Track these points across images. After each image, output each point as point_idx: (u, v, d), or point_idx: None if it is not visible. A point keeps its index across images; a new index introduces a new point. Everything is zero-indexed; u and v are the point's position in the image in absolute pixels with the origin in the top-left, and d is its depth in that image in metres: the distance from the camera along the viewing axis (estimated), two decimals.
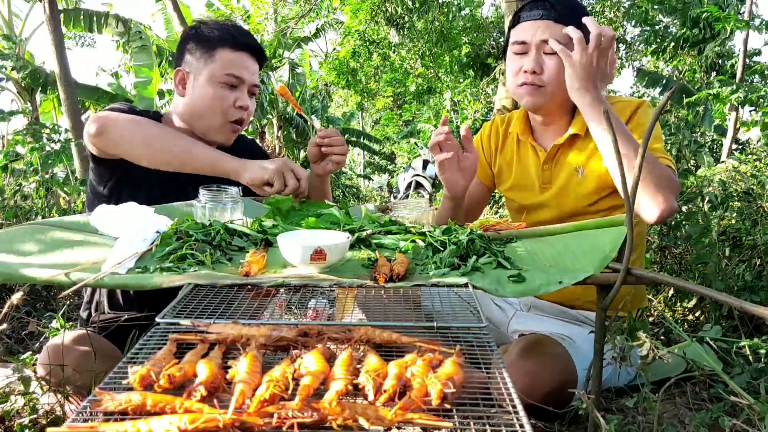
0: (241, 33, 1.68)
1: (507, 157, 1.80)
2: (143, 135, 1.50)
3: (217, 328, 0.86)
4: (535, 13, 1.56)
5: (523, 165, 1.75)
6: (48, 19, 4.66)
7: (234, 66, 1.63)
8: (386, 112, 17.19)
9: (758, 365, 1.45)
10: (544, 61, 1.55)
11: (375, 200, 12.52)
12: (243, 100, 1.64)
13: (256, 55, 1.69)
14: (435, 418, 0.63)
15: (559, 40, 1.50)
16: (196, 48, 1.64)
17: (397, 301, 1.00)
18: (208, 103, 1.62)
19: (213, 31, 1.64)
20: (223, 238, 1.22)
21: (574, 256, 1.16)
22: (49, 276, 1.01)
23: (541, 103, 1.60)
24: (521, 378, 1.33)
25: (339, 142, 1.65)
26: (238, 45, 1.64)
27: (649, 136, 0.94)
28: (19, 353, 1.85)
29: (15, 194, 3.23)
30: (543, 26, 1.54)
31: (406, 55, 12.03)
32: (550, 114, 1.65)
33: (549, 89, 1.56)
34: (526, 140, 1.72)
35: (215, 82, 1.61)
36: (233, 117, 1.65)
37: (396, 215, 1.48)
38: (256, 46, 1.69)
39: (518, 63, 1.58)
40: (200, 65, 1.63)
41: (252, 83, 1.68)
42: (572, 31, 1.42)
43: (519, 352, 1.42)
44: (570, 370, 1.42)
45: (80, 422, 0.63)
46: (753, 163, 3.69)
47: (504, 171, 1.82)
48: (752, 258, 2.08)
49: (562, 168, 1.66)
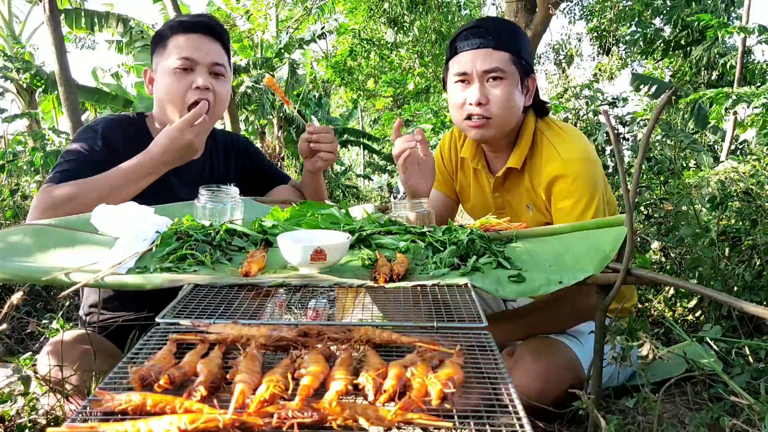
0: (195, 16, 1.63)
1: (467, 177, 1.79)
2: (80, 200, 1.42)
3: (217, 328, 0.86)
4: (473, 42, 1.52)
5: (480, 187, 1.74)
6: (48, 19, 4.65)
7: (185, 49, 1.57)
8: (386, 112, 17.19)
9: (758, 365, 1.45)
10: (489, 91, 1.52)
11: (375, 200, 12.51)
12: (199, 81, 1.57)
13: (213, 34, 1.62)
14: (435, 418, 0.63)
15: (498, 66, 1.49)
16: (156, 47, 1.64)
17: (397, 301, 1.00)
18: (166, 92, 1.59)
19: (167, 24, 1.62)
20: (223, 238, 1.21)
21: (574, 256, 1.16)
22: (49, 276, 1.01)
23: (489, 136, 1.57)
24: (535, 383, 1.32)
25: (328, 139, 1.63)
26: (187, 27, 1.59)
27: (648, 135, 0.95)
28: (19, 353, 1.84)
29: (13, 194, 3.22)
30: (482, 55, 1.51)
31: (404, 55, 12.03)
32: (496, 143, 1.63)
33: (496, 120, 1.53)
34: (477, 167, 1.70)
35: (170, 70, 1.58)
36: (191, 99, 1.58)
37: (396, 215, 1.48)
38: (210, 24, 1.62)
39: (461, 95, 1.55)
40: (159, 60, 1.62)
41: (211, 62, 1.60)
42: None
43: (531, 355, 1.40)
44: (580, 374, 1.40)
45: (80, 422, 0.63)
46: (752, 163, 3.69)
47: (464, 190, 1.81)
48: (752, 258, 2.08)
49: (513, 197, 1.65)
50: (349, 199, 10.39)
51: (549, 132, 1.59)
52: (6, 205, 3.21)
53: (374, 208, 1.65)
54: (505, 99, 1.51)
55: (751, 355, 1.53)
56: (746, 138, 6.41)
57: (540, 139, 1.59)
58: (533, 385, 1.31)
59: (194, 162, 1.71)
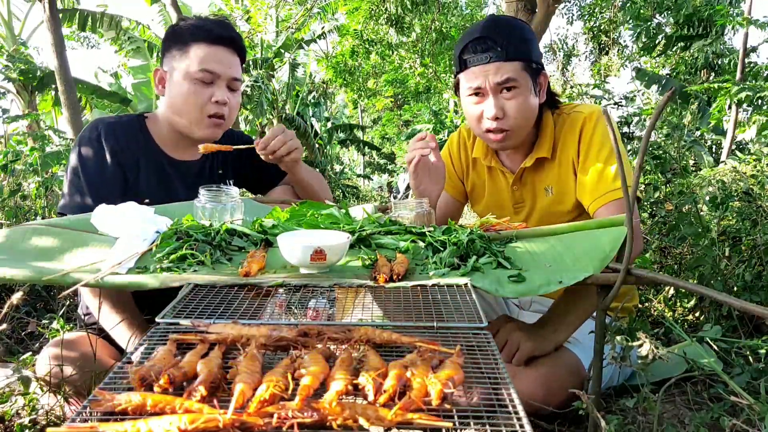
0: (218, 26, 1.63)
1: (480, 176, 1.79)
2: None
3: (217, 328, 0.86)
4: (482, 57, 1.50)
5: (496, 187, 1.75)
6: (48, 19, 4.65)
7: (208, 61, 1.58)
8: (386, 113, 17.19)
9: (758, 365, 1.45)
10: (504, 104, 1.52)
11: (375, 200, 12.52)
12: (219, 95, 1.60)
13: (234, 48, 1.64)
14: (435, 418, 0.63)
15: (511, 76, 1.48)
16: (172, 46, 1.62)
17: (397, 301, 1.00)
18: (184, 99, 1.59)
19: (188, 27, 1.61)
20: (223, 238, 1.21)
21: (574, 256, 1.16)
22: (49, 276, 1.01)
23: (511, 146, 1.60)
24: (537, 390, 1.30)
25: (277, 145, 1.59)
26: (212, 39, 1.59)
27: (648, 134, 0.94)
28: (19, 353, 1.84)
29: (13, 194, 3.22)
30: (494, 69, 1.50)
31: (405, 55, 12.03)
32: (516, 146, 1.65)
33: (515, 131, 1.55)
34: (492, 164, 1.72)
35: (190, 79, 1.58)
36: (210, 112, 1.61)
37: (396, 215, 1.48)
38: (234, 38, 1.64)
39: (478, 108, 1.56)
40: (176, 63, 1.60)
41: (230, 77, 1.62)
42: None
43: (531, 361, 1.38)
44: (582, 377, 1.38)
45: (80, 422, 0.63)
46: (753, 163, 3.69)
47: (477, 191, 1.81)
48: (752, 258, 2.08)
49: (532, 187, 1.67)
50: (349, 199, 10.40)
51: (566, 108, 1.64)
52: (6, 205, 3.21)
53: (374, 208, 1.65)
54: (522, 109, 1.53)
55: (751, 355, 1.53)
56: (744, 138, 6.40)
57: (561, 120, 1.63)
58: (535, 393, 1.29)
59: (193, 162, 1.71)
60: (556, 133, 1.63)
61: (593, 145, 1.55)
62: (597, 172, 1.52)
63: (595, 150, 1.55)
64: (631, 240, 1.01)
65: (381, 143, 15.99)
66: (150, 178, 1.63)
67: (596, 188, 1.52)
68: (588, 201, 1.54)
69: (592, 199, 1.53)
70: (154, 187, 1.61)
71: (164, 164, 1.66)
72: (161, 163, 1.66)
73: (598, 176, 1.52)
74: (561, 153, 1.62)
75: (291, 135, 1.64)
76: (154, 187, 1.61)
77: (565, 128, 1.62)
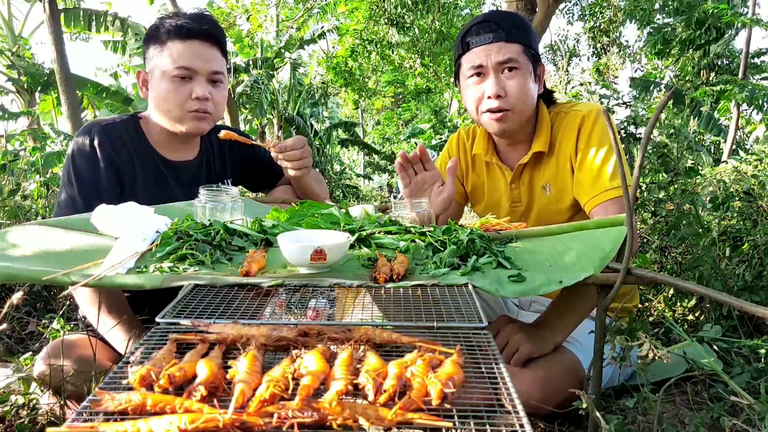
0: (192, 20, 1.59)
1: (479, 175, 1.79)
2: None
3: (217, 328, 0.86)
4: (485, 37, 1.54)
5: (494, 186, 1.75)
6: (48, 19, 4.66)
7: (184, 57, 1.55)
8: (386, 112, 17.20)
9: (758, 365, 1.45)
10: (505, 83, 1.54)
11: (375, 200, 12.51)
12: (199, 91, 1.57)
13: (212, 40, 1.60)
14: (435, 418, 0.63)
15: (513, 57, 1.51)
16: (151, 46, 1.61)
17: (397, 301, 1.00)
18: (165, 98, 1.57)
19: (163, 25, 1.58)
20: (223, 238, 1.21)
21: (575, 255, 1.16)
22: (50, 276, 1.01)
23: (510, 127, 1.59)
24: (533, 391, 1.30)
25: (294, 156, 1.59)
26: (186, 34, 1.56)
27: (648, 134, 0.94)
28: (19, 353, 1.84)
29: (13, 194, 3.22)
30: (495, 48, 1.53)
31: (405, 54, 12.03)
32: (515, 135, 1.65)
33: (515, 112, 1.56)
34: (491, 161, 1.72)
35: (168, 77, 1.56)
36: (191, 108, 1.58)
37: (396, 215, 1.48)
38: (209, 31, 1.60)
39: (478, 89, 1.57)
40: (155, 62, 1.59)
41: (209, 71, 1.59)
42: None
43: (528, 362, 1.37)
44: (580, 378, 1.38)
45: (80, 422, 0.63)
46: (754, 163, 3.69)
47: (477, 191, 1.81)
48: (752, 258, 2.08)
49: (530, 185, 1.67)
50: (349, 199, 10.40)
51: (565, 107, 1.65)
52: (6, 205, 3.21)
53: (374, 208, 1.64)
54: (522, 89, 1.54)
55: (751, 355, 1.53)
56: (756, 135, 6.40)
57: (560, 118, 1.64)
58: (532, 393, 1.29)
59: (189, 163, 1.71)
60: (554, 129, 1.64)
61: (591, 143, 1.56)
62: (594, 170, 1.53)
63: (592, 148, 1.55)
64: (632, 240, 1.01)
65: (381, 143, 15.98)
66: (146, 180, 1.62)
67: (593, 186, 1.52)
68: (585, 199, 1.54)
69: (588, 197, 1.53)
70: (151, 189, 1.61)
71: (159, 165, 1.66)
72: (156, 165, 1.65)
73: (596, 174, 1.52)
74: (559, 150, 1.63)
75: (307, 153, 1.64)
76: (151, 189, 1.61)
77: (563, 125, 1.62)
